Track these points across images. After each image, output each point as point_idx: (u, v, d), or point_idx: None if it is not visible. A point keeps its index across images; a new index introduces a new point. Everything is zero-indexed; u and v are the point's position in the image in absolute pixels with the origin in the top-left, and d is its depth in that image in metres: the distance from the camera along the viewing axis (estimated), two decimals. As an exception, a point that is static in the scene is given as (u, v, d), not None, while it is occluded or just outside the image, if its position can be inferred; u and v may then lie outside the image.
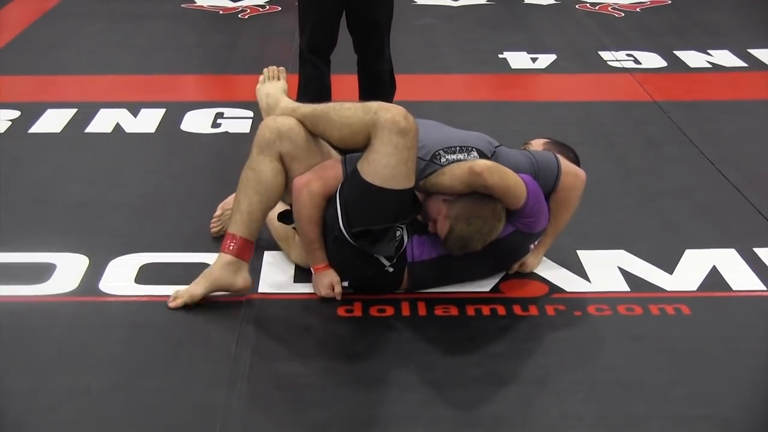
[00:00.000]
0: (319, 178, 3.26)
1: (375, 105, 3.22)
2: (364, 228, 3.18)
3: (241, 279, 3.29)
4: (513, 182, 3.22)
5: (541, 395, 2.87)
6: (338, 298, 3.31)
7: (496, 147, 3.39)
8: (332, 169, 3.29)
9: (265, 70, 3.62)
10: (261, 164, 3.29)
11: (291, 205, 3.37)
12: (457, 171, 3.23)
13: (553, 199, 3.40)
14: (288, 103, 3.45)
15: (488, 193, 3.20)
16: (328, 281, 3.30)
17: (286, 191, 3.34)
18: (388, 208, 3.19)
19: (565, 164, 3.43)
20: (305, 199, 3.25)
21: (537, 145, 3.61)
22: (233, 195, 3.72)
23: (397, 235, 3.24)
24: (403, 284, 3.34)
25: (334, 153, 3.38)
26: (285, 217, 3.41)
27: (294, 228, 3.40)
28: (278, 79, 3.59)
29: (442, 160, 3.28)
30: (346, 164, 3.28)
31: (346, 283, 3.33)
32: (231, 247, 3.29)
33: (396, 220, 3.22)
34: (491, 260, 3.37)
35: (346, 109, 3.26)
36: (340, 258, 3.28)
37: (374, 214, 3.18)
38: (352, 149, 3.28)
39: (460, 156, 3.28)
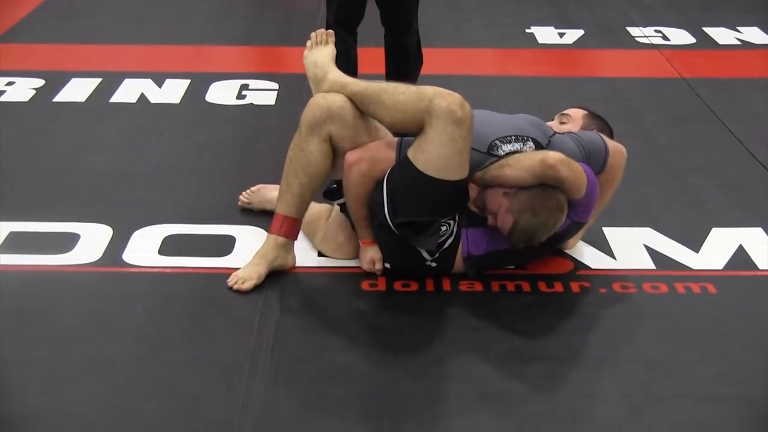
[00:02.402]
0: (372, 158, 3.21)
1: (430, 91, 3.13)
2: (409, 219, 3.13)
3: (291, 258, 3.32)
4: (580, 174, 3.15)
5: (565, 372, 2.86)
6: (378, 273, 3.30)
7: (550, 137, 3.32)
8: (386, 151, 3.22)
9: (312, 34, 3.49)
10: (310, 145, 3.24)
11: (337, 182, 3.35)
12: (526, 162, 3.13)
13: (599, 179, 3.34)
14: (337, 76, 3.34)
15: (558, 185, 3.12)
16: (370, 256, 3.28)
17: (333, 169, 3.30)
18: (436, 199, 3.13)
19: (611, 144, 3.40)
20: (355, 177, 3.20)
21: (576, 117, 3.56)
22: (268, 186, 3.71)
23: (442, 230, 3.18)
24: (456, 269, 3.29)
25: (383, 131, 3.33)
26: (330, 195, 3.39)
27: (338, 205, 3.38)
28: (326, 43, 3.48)
29: (499, 150, 3.22)
30: (401, 148, 3.22)
31: (388, 265, 3.30)
32: (282, 229, 3.28)
33: (442, 215, 3.16)
34: (544, 248, 3.31)
35: (399, 93, 3.17)
36: (382, 243, 3.26)
37: (421, 206, 3.13)
38: (403, 133, 3.23)
39: (516, 145, 3.23)
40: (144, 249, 3.45)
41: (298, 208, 3.28)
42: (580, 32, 6.11)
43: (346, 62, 4.58)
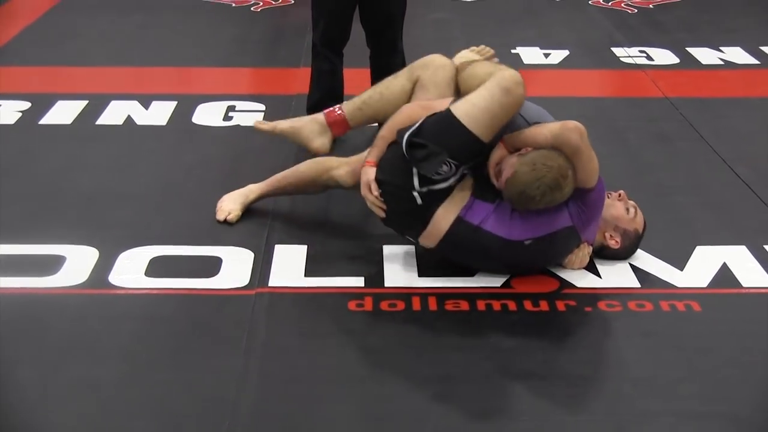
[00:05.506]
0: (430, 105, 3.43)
1: (504, 66, 3.43)
2: (423, 141, 3.25)
3: (319, 142, 3.58)
4: (594, 158, 3.27)
5: (551, 391, 2.86)
6: (371, 197, 3.36)
7: None
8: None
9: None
10: (399, 78, 3.63)
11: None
12: (549, 124, 3.32)
13: None
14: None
15: (571, 154, 3.22)
16: (366, 178, 3.38)
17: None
18: (452, 139, 3.25)
19: None
20: (415, 107, 3.42)
21: (640, 221, 3.55)
22: (237, 192, 3.82)
23: (444, 168, 3.25)
24: (433, 234, 3.33)
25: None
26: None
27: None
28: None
29: None
30: None
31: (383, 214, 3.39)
32: (330, 115, 3.55)
33: (450, 155, 3.24)
34: (534, 256, 3.36)
35: (476, 66, 3.52)
36: (385, 157, 3.37)
37: (438, 137, 3.25)
38: None
39: None
40: (130, 271, 3.45)
41: (353, 109, 3.61)
42: (565, 53, 6.14)
43: (333, 83, 4.62)
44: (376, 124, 3.84)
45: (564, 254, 3.41)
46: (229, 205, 3.79)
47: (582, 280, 3.43)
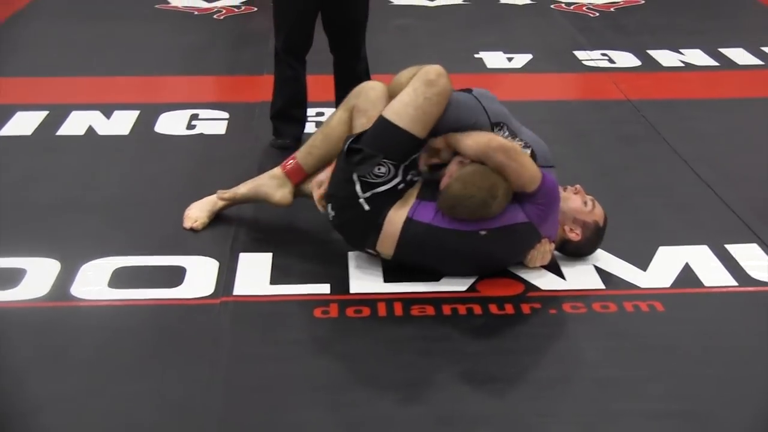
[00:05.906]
0: None
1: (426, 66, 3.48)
2: (360, 147, 3.37)
3: (281, 194, 3.67)
4: (528, 166, 3.31)
5: (517, 393, 2.88)
6: (317, 196, 3.55)
7: (547, 166, 3.46)
8: None
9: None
10: (337, 112, 3.70)
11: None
12: (480, 137, 3.37)
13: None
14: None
15: (499, 170, 3.29)
16: (320, 177, 3.56)
17: None
18: (386, 140, 3.37)
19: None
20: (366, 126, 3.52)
21: (599, 215, 3.56)
22: (205, 200, 3.82)
23: (381, 170, 3.34)
24: (388, 239, 3.36)
25: None
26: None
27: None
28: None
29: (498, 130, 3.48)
30: None
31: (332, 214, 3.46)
32: (285, 166, 3.69)
33: (386, 155, 3.34)
34: (499, 251, 3.39)
35: (400, 75, 3.59)
36: (333, 184, 3.44)
37: (373, 140, 3.38)
38: None
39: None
40: (93, 282, 3.41)
41: (304, 155, 3.69)
42: (528, 56, 6.16)
43: (296, 90, 4.62)
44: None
45: (525, 250, 3.43)
46: (196, 213, 3.79)
47: (546, 282, 3.44)
